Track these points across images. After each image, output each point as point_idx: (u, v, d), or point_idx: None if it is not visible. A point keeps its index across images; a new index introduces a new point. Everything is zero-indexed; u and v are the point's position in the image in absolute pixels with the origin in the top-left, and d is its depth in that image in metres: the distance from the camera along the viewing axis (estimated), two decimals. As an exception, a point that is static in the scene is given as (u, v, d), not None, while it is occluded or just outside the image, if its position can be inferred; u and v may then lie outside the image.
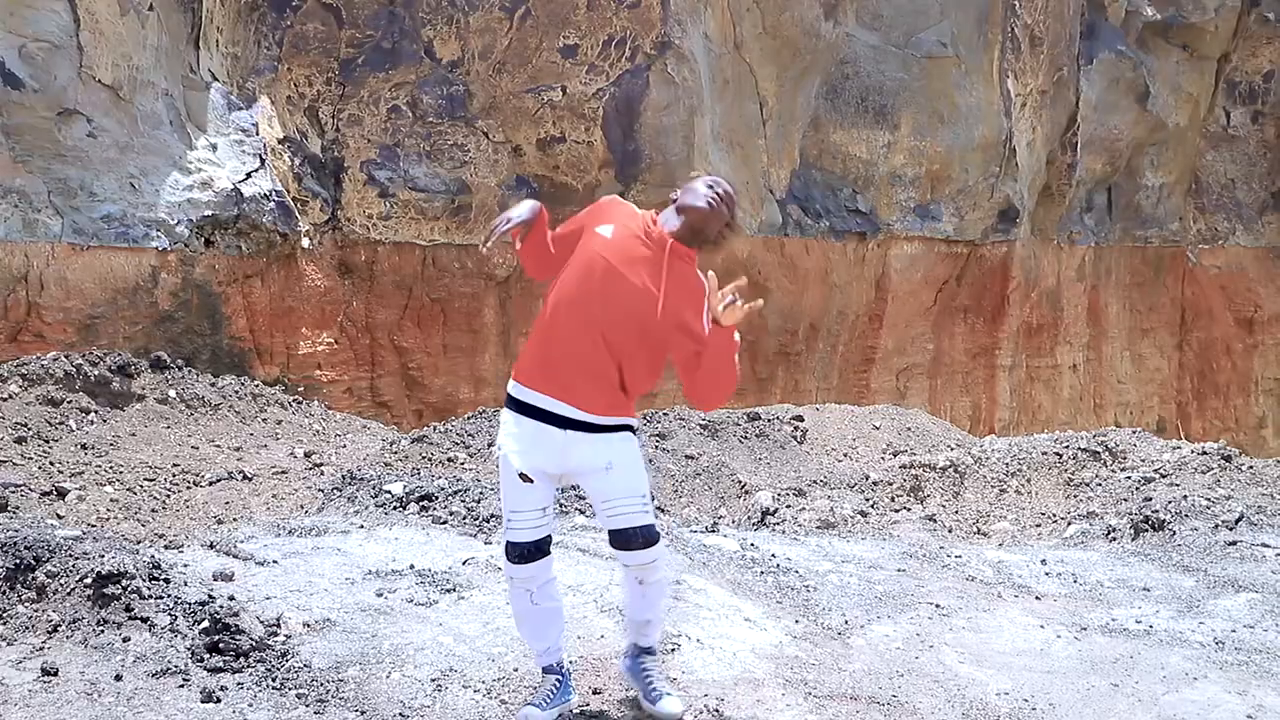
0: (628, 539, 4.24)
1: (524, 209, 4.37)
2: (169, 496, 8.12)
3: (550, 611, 4.36)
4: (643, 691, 4.44)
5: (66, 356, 9.58)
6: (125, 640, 4.64)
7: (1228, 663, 5.36)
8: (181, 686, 4.39)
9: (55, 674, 4.41)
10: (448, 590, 5.64)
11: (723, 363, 4.19)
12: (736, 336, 4.20)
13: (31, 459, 8.18)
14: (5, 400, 8.93)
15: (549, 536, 4.29)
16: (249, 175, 11.70)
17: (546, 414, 4.17)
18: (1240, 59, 19.74)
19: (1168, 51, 18.81)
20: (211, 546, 6.21)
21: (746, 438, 10.32)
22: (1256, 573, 6.69)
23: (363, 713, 4.34)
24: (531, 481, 4.18)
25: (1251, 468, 8.94)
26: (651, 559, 4.28)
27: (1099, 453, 9.56)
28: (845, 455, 10.70)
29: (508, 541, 4.26)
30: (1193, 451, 9.30)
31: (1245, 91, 20.05)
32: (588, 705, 4.49)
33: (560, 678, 4.37)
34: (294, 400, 10.88)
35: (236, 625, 4.80)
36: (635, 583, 4.34)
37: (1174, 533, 7.50)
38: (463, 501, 7.36)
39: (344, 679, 4.58)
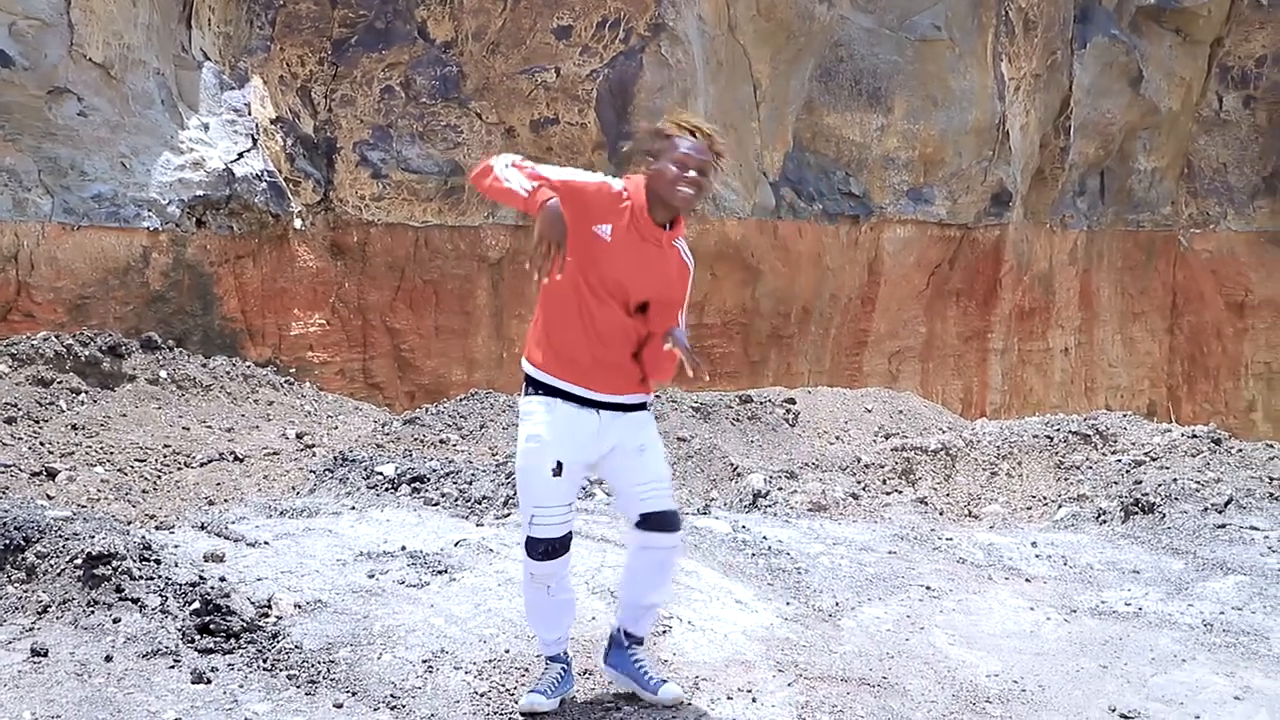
0: (662, 522, 4.24)
1: (556, 228, 3.93)
2: (160, 477, 8.11)
3: (565, 603, 4.36)
4: (639, 682, 4.39)
5: (57, 337, 9.57)
6: (116, 621, 4.63)
7: (1216, 645, 5.38)
8: (172, 667, 4.39)
9: (45, 655, 4.40)
10: (439, 572, 5.64)
11: (662, 366, 4.28)
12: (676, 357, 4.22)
13: (21, 439, 8.17)
14: (-5, 380, 8.91)
15: (571, 532, 4.25)
16: (241, 155, 11.67)
17: (581, 399, 4.17)
18: (1233, 43, 19.68)
19: (1161, 36, 18.77)
20: (202, 528, 6.21)
21: (738, 420, 10.32)
22: (1245, 555, 6.71)
23: (353, 694, 4.34)
24: (562, 475, 4.13)
25: (1241, 451, 8.95)
26: (679, 541, 4.40)
27: (1090, 436, 9.57)
28: (837, 438, 10.72)
29: (530, 538, 4.18)
30: (1183, 435, 9.31)
31: (1238, 76, 20.00)
32: (578, 687, 4.49)
33: (565, 666, 4.38)
34: (286, 381, 10.87)
35: (227, 606, 4.80)
36: (655, 564, 4.33)
37: (1164, 515, 7.52)
38: (455, 483, 7.35)
39: (335, 660, 4.59)
